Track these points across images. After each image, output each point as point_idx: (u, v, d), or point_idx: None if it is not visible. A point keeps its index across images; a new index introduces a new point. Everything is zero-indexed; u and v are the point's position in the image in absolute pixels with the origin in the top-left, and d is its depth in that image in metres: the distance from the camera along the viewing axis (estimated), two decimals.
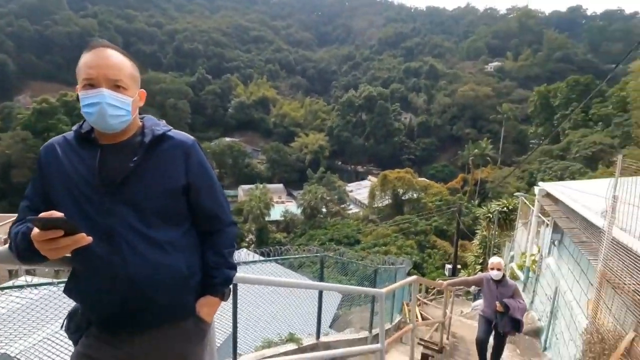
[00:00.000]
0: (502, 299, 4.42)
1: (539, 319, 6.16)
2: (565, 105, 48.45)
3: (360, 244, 34.58)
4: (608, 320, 2.94)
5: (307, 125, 78.48)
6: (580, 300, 4.38)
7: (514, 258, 8.70)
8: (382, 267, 5.61)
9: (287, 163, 66.60)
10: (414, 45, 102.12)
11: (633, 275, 2.66)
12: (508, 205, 12.12)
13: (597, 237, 3.43)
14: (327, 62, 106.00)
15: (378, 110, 69.93)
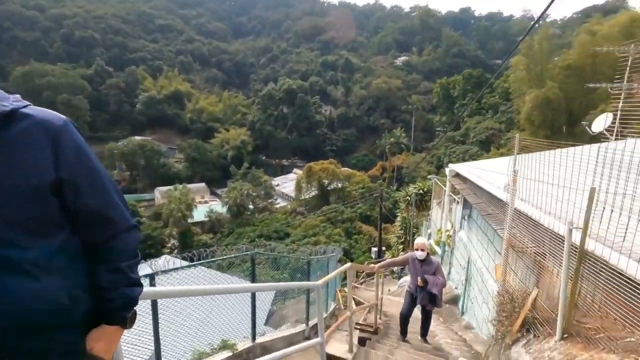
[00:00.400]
0: (424, 275, 4.75)
1: (455, 288, 6.85)
2: (462, 95, 54.64)
3: (290, 237, 34.73)
4: (515, 281, 3.33)
5: (227, 120, 75.41)
6: (489, 266, 4.90)
7: (431, 235, 9.54)
8: (314, 257, 5.60)
9: (207, 160, 63.30)
10: (329, 39, 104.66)
11: (532, 239, 3.02)
12: (423, 188, 13.20)
13: (502, 209, 3.84)
14: (244, 55, 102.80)
15: (299, 103, 70.41)
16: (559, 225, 2.53)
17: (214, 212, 42.92)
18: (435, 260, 4.90)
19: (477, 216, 5.62)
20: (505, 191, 3.61)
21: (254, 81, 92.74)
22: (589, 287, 2.24)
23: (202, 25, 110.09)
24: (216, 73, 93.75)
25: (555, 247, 2.57)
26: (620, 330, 2.01)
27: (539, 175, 2.99)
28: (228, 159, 61.29)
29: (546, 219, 2.76)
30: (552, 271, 2.70)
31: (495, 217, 4.15)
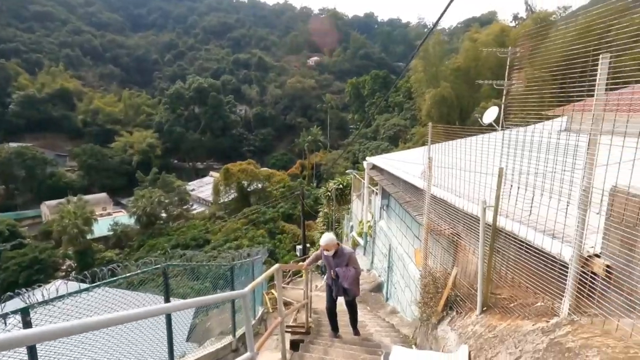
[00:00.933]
0: (336, 268, 4.68)
1: (379, 276, 7.14)
2: (372, 94, 58.27)
3: (210, 243, 32.87)
4: (436, 264, 3.51)
5: (130, 122, 68.06)
6: (409, 251, 5.16)
7: (354, 228, 9.86)
8: (238, 262, 5.24)
9: (108, 167, 56.30)
10: (240, 37, 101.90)
11: (449, 222, 3.20)
12: (342, 183, 13.59)
13: (419, 196, 4.03)
14: (146, 50, 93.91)
15: (212, 103, 67.05)
16: (473, 206, 2.70)
17: (119, 225, 38.40)
18: (347, 251, 4.75)
19: (395, 205, 5.90)
20: (422, 178, 3.79)
21: (159, 79, 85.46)
22: (503, 260, 2.42)
23: (93, 16, 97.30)
24: (113, 69, 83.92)
25: (471, 227, 2.74)
26: (530, 297, 2.19)
27: (452, 161, 3.17)
28: (133, 165, 55.41)
29: (461, 201, 2.94)
30: (469, 250, 2.88)
31: (413, 204, 4.36)
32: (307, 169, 52.33)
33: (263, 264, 10.36)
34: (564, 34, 2.55)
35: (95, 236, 37.21)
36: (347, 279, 4.50)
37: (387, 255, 6.35)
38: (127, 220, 39.25)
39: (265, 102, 78.73)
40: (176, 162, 67.82)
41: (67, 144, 62.79)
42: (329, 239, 4.67)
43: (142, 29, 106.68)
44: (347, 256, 4.65)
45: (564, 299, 1.87)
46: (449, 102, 33.06)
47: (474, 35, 34.92)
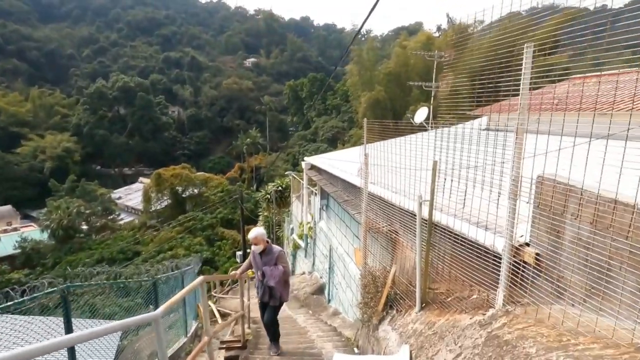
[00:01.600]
0: (266, 266, 4.29)
1: (321, 277, 7.02)
2: (310, 97, 58.81)
3: (140, 255, 30.19)
4: (375, 262, 3.46)
5: (40, 124, 60.09)
6: (349, 251, 5.10)
7: (294, 230, 9.66)
8: (161, 276, 4.69)
9: (14, 176, 49.07)
10: (170, 34, 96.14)
11: (386, 219, 3.16)
12: (282, 185, 13.32)
13: (357, 195, 3.96)
14: (59, 44, 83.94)
15: (139, 103, 62.09)
16: (409, 202, 2.66)
17: (28, 241, 33.53)
18: (276, 249, 4.39)
19: (334, 204, 5.83)
20: (359, 176, 3.73)
21: (76, 76, 76.92)
22: (439, 255, 2.40)
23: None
24: (17, 64, 73.57)
25: (408, 223, 2.71)
26: (467, 290, 2.18)
27: (387, 158, 3.14)
28: (46, 172, 49.00)
29: (397, 197, 2.90)
30: (406, 247, 2.85)
31: (351, 203, 4.30)
32: (246, 172, 50.95)
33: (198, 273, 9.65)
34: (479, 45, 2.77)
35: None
36: (273, 277, 4.15)
37: (328, 256, 6.26)
38: (39, 235, 34.48)
39: (200, 104, 75.12)
40: (99, 168, 61.59)
41: None
42: (257, 232, 4.34)
43: (53, 20, 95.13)
44: (275, 254, 4.29)
45: (498, 290, 1.87)
46: (383, 104, 34.61)
47: (404, 42, 37.03)
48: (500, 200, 1.89)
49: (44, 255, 33.13)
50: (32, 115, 60.84)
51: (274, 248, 4.42)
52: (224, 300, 8.01)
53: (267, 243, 4.37)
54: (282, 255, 4.37)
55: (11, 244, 33.58)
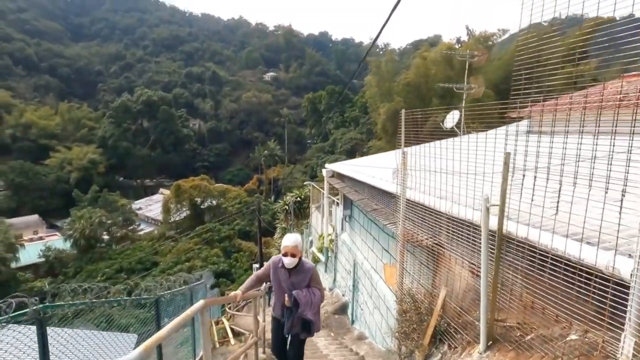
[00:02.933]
0: (294, 290, 3.31)
1: (343, 295, 6.43)
2: (328, 109, 58.83)
3: (158, 266, 30.23)
4: (416, 283, 2.89)
5: (68, 137, 62.41)
6: (377, 267, 4.52)
7: (313, 243, 9.11)
8: (164, 294, 4.22)
9: (41, 187, 50.76)
10: (193, 50, 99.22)
11: (429, 229, 2.61)
12: (300, 195, 12.86)
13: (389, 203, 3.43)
14: (88, 61, 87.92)
15: (162, 116, 63.71)
16: (464, 209, 2.12)
17: (52, 250, 34.25)
18: (309, 266, 3.40)
19: (359, 215, 5.29)
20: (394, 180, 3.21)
21: (104, 91, 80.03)
22: (512, 277, 1.83)
23: (26, 22, 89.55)
24: (49, 80, 77.21)
25: (463, 235, 2.16)
26: (554, 326, 1.61)
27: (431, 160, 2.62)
28: (71, 183, 50.46)
29: (448, 205, 2.36)
30: (460, 264, 2.29)
31: (382, 212, 3.77)
32: (264, 184, 50.96)
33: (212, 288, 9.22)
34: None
35: (23, 264, 32.87)
36: (310, 306, 3.17)
37: (352, 272, 5.68)
38: (62, 244, 35.18)
39: (220, 117, 76.53)
40: (122, 179, 63.08)
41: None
42: (297, 240, 3.34)
43: (84, 39, 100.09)
44: (309, 273, 3.30)
45: (624, 334, 1.30)
46: None
47: (424, 53, 36.51)
48: (626, 202, 1.33)
49: (66, 264, 33.72)
50: (61, 128, 63.34)
51: (306, 264, 3.42)
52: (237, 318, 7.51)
53: (301, 255, 3.41)
54: (316, 274, 3.38)
55: (36, 252, 34.35)
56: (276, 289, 3.45)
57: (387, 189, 3.59)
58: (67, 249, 34.74)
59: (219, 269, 28.57)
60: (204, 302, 2.15)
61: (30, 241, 39.00)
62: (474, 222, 2.00)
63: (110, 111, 64.29)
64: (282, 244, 3.35)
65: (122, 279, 29.17)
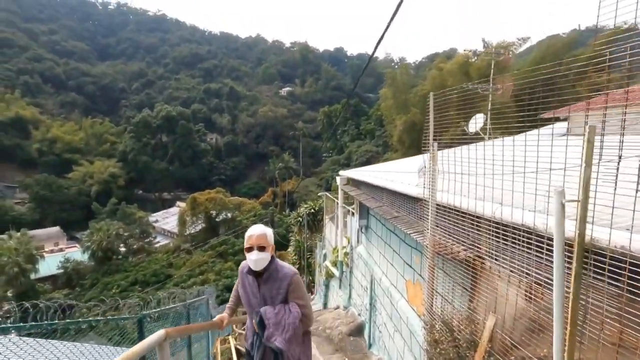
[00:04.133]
0: (267, 303, 2.38)
1: (359, 314, 5.84)
2: (343, 122, 58.76)
3: (172, 279, 30.08)
4: (449, 306, 2.35)
5: (91, 151, 64.58)
6: (398, 284, 3.98)
7: (327, 256, 8.57)
8: (151, 312, 3.77)
9: (64, 199, 52.18)
10: (211, 67, 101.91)
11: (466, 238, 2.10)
12: (314, 207, 12.39)
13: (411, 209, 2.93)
14: (112, 79, 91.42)
15: (180, 131, 65.12)
16: (522, 213, 1.62)
17: (70, 262, 34.68)
18: (286, 272, 2.42)
19: (377, 225, 4.77)
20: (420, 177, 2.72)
21: (125, 107, 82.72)
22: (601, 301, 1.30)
23: (56, 44, 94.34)
24: (75, 97, 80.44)
25: (518, 245, 1.65)
26: None
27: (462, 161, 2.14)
28: (92, 196, 51.67)
29: (493, 208, 1.86)
30: (514, 284, 1.76)
31: (404, 220, 3.26)
32: (278, 197, 50.79)
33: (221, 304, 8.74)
34: None
35: (42, 275, 33.36)
36: (281, 329, 2.24)
37: (369, 289, 5.13)
38: (80, 256, 35.62)
39: (237, 131, 77.63)
40: (141, 192, 64.28)
41: (18, 175, 58.09)
42: (262, 227, 2.52)
43: (110, 58, 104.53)
44: (286, 281, 2.36)
45: None
46: (419, 127, 33.32)
47: (440, 64, 36.05)
48: None
49: (84, 275, 34.03)
50: (84, 142, 65.56)
51: (283, 269, 2.43)
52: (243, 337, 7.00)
53: (273, 256, 2.46)
54: (298, 284, 2.38)
55: (55, 264, 34.85)
56: (247, 308, 2.50)
57: (410, 193, 3.09)
58: (85, 260, 35.13)
59: (232, 282, 28.15)
60: (164, 333, 1.67)
61: (50, 252, 39.71)
62: (535, 228, 1.50)
63: (131, 126, 66.21)
64: (246, 235, 2.46)
65: (136, 291, 29.25)
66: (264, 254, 2.37)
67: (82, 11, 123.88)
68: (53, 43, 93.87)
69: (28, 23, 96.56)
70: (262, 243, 2.39)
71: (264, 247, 2.38)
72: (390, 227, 4.10)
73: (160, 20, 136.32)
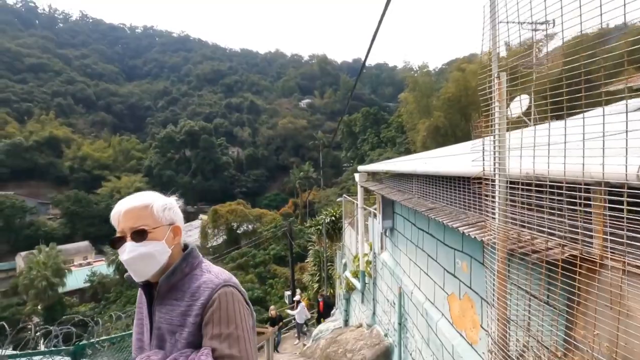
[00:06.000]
0: (164, 342, 1.25)
1: (385, 335, 4.90)
2: (363, 131, 57.92)
3: None
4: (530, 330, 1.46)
5: (119, 167, 66.81)
6: (434, 298, 3.07)
7: (347, 266, 7.66)
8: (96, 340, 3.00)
9: (93, 214, 53.72)
10: (232, 83, 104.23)
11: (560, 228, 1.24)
12: (335, 214, 11.55)
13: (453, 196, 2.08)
14: (139, 98, 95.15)
15: (203, 145, 66.32)
16: None
17: (97, 275, 35.21)
18: (209, 281, 1.23)
19: (405, 225, 3.90)
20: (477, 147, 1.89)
21: (151, 124, 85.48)
22: None
23: (88, 67, 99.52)
24: (104, 116, 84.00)
25: None
26: None
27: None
28: None
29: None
30: None
31: (444, 212, 2.40)
32: (299, 208, 50.18)
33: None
34: None
35: (69, 289, 33.99)
36: None
37: (397, 305, 4.22)
38: (106, 269, 36.11)
39: (258, 143, 78.36)
40: None
41: (51, 192, 60.58)
42: (131, 202, 1.25)
43: (136, 78, 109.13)
44: (202, 298, 1.19)
45: None
46: (443, 131, 32.08)
47: (462, 65, 34.76)
48: None
49: (108, 289, 34.38)
50: (112, 159, 67.90)
51: (200, 274, 1.27)
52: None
53: (185, 249, 1.35)
54: (224, 302, 1.18)
55: (83, 277, 35.47)
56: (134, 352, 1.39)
57: (455, 172, 2.23)
58: (110, 274, 35.54)
59: (253, 295, 27.49)
60: None
61: (79, 266, 40.61)
62: None
63: (156, 142, 68.07)
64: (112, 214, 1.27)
65: None
66: (149, 244, 1.19)
67: (112, 35, 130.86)
68: (85, 66, 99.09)
69: (62, 49, 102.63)
70: (141, 223, 1.20)
71: (144, 231, 1.19)
72: (423, 224, 3.23)
73: (184, 40, 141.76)
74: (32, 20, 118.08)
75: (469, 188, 2.07)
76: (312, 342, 7.01)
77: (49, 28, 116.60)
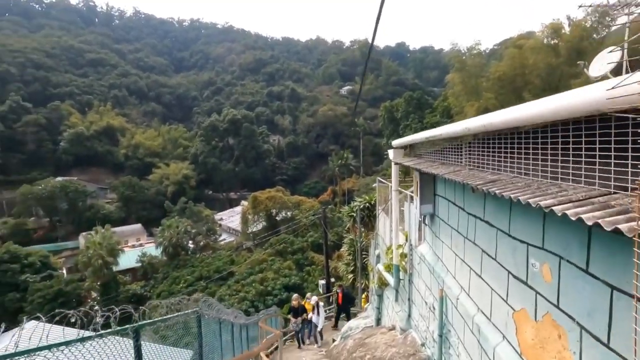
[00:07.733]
0: None
1: (423, 344, 4.01)
2: (406, 116, 55.40)
3: (234, 276, 30.43)
4: None
5: (168, 155, 70.38)
6: (492, 313, 2.16)
7: (380, 258, 6.79)
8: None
9: (144, 199, 57.22)
10: (274, 71, 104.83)
11: None
12: (370, 201, 10.65)
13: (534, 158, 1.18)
14: (186, 88, 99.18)
15: (245, 133, 67.57)
16: None
17: (147, 256, 37.34)
18: None
19: (450, 210, 2.99)
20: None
21: (197, 114, 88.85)
22: None
23: (140, 60, 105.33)
24: (155, 107, 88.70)
25: None
26: None
27: None
28: (168, 195, 55.81)
29: None
30: None
31: (517, 186, 1.51)
32: (338, 196, 49.49)
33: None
34: None
35: (123, 268, 36.40)
36: None
37: (437, 311, 3.34)
38: (155, 251, 38.19)
39: (298, 131, 78.43)
40: (210, 192, 68.02)
41: (109, 177, 65.43)
42: None
43: (184, 69, 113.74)
44: None
45: None
46: None
47: (519, 42, 31.42)
48: None
49: (157, 269, 36.35)
50: (162, 147, 71.59)
51: None
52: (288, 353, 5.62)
53: None
54: None
55: (134, 258, 37.79)
56: None
57: (558, 107, 1.31)
58: (158, 255, 37.53)
59: (290, 282, 27.47)
60: None
61: (132, 247, 43.42)
62: None
63: (201, 130, 70.51)
64: None
65: (200, 286, 30.21)
66: None
67: (162, 29, 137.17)
68: (137, 60, 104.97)
69: (118, 44, 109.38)
70: None
71: None
72: (475, 208, 2.32)
73: (227, 31, 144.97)
74: (92, 19, 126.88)
75: (567, 140, 1.19)
76: (340, 340, 6.30)
77: (107, 25, 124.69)
